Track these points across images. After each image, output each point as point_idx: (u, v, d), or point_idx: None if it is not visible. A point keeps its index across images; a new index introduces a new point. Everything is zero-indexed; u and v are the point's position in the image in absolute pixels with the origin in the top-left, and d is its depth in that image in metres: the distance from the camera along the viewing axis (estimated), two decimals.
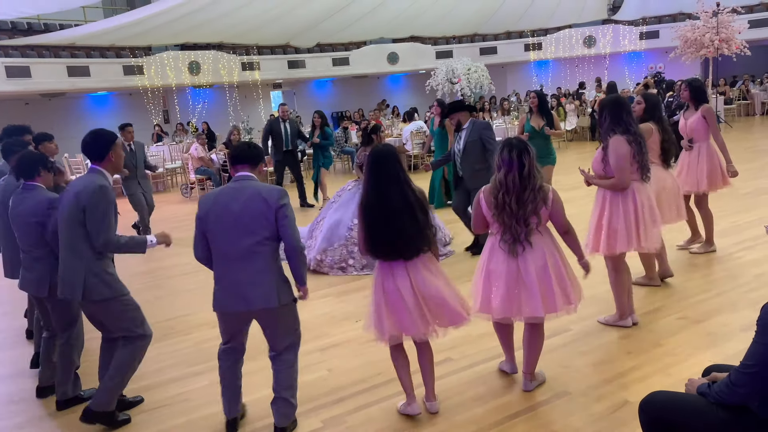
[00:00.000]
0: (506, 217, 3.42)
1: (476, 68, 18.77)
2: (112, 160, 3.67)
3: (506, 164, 3.41)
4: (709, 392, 2.37)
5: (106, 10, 22.15)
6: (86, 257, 3.50)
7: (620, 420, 3.32)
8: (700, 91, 5.84)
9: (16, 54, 17.36)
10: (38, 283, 3.96)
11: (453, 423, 3.45)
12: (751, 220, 6.89)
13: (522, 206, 3.39)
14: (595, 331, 4.48)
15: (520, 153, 3.40)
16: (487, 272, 3.56)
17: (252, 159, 3.37)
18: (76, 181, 3.74)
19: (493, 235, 3.60)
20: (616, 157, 4.20)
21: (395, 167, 3.34)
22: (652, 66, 19.94)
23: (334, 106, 25.27)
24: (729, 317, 4.52)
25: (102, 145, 3.64)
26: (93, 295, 3.53)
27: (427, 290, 3.33)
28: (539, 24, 23.92)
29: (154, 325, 5.41)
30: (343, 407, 3.71)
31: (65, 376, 4.01)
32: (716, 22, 16.35)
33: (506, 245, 3.47)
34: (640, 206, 4.29)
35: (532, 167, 3.41)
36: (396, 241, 3.28)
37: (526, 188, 3.39)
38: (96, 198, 3.46)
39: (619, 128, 4.20)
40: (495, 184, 3.48)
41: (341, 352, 4.42)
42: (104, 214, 3.47)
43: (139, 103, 19.95)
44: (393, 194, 3.28)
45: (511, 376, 3.92)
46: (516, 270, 3.45)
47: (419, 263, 3.35)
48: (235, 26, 19.67)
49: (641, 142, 4.26)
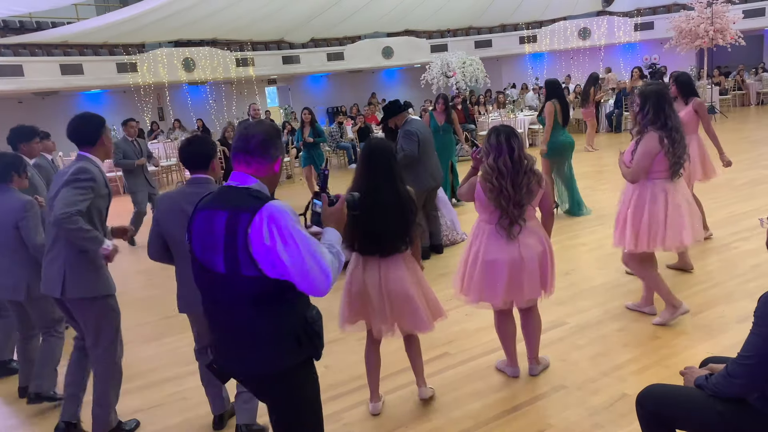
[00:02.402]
0: (503, 201, 3.44)
1: (471, 62, 18.70)
2: (104, 144, 3.43)
3: (495, 149, 3.44)
4: (707, 384, 2.35)
5: (98, 8, 22.00)
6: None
7: (618, 413, 3.31)
8: (687, 85, 5.90)
9: (8, 53, 17.26)
10: (14, 288, 3.90)
11: (450, 418, 3.45)
12: (746, 211, 6.89)
13: (518, 189, 3.42)
14: (592, 324, 4.47)
15: (508, 137, 3.44)
16: (490, 262, 3.53)
17: None
18: (61, 170, 3.55)
19: (483, 225, 3.60)
20: (642, 151, 4.14)
21: (389, 163, 3.33)
22: (647, 57, 19.94)
23: (329, 101, 25.21)
24: (725, 308, 4.51)
25: (94, 128, 3.40)
26: (74, 293, 3.34)
27: (394, 288, 3.32)
28: (534, 16, 23.85)
29: (151, 324, 5.39)
30: (340, 404, 3.70)
31: (44, 368, 3.98)
32: (711, 13, 16.33)
33: (503, 229, 3.49)
34: (672, 207, 4.15)
35: (521, 150, 3.46)
36: (378, 236, 3.28)
37: (519, 171, 3.42)
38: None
39: (658, 122, 4.10)
40: (486, 169, 3.49)
41: (338, 348, 4.40)
42: (83, 191, 3.24)
43: (133, 100, 19.87)
44: (384, 190, 3.27)
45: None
46: (519, 257, 3.48)
47: (393, 261, 3.34)
48: (229, 22, 19.56)
49: (677, 137, 4.12)
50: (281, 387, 2.19)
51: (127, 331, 5.19)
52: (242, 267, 2.04)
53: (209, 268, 2.14)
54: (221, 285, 2.12)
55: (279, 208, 2.04)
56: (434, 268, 6.14)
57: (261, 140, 2.18)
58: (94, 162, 3.40)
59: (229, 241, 2.05)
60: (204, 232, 2.15)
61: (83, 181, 3.26)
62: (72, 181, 3.25)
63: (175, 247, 3.18)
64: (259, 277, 2.04)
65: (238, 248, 2.03)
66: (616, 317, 4.55)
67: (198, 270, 2.22)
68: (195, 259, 2.21)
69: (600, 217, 7.41)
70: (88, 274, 3.37)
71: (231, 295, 2.11)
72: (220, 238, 2.07)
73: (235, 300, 2.11)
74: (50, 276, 3.39)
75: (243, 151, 2.18)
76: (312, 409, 2.29)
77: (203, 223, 2.16)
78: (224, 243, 2.06)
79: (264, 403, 2.35)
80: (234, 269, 2.06)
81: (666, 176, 4.20)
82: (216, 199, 2.18)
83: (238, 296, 2.10)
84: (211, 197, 2.22)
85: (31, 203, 3.92)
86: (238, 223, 2.03)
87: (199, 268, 2.21)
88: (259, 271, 2.03)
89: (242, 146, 2.18)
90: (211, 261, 2.12)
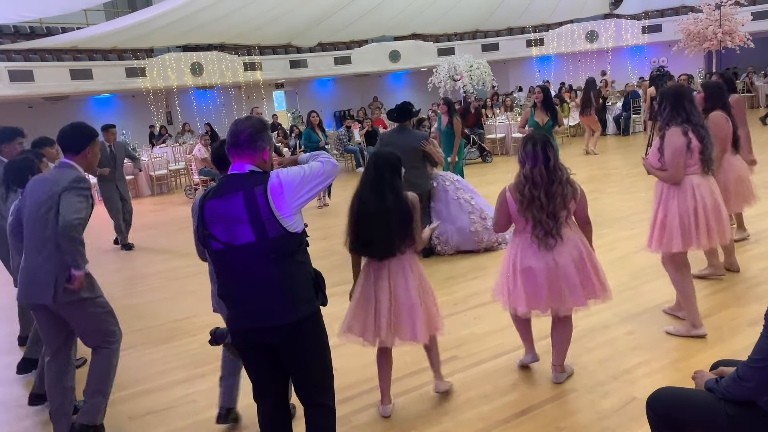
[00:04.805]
0: (536, 211, 3.40)
1: (478, 65, 18.73)
2: (87, 156, 3.46)
3: (531, 158, 3.41)
4: (717, 388, 2.35)
5: (107, 13, 22.19)
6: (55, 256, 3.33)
7: (628, 416, 3.30)
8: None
9: (18, 58, 17.42)
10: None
11: (459, 421, 3.45)
12: (757, 214, 6.84)
13: (552, 199, 3.38)
14: (601, 327, 4.46)
15: (544, 146, 3.40)
16: (525, 270, 3.51)
17: None
18: (44, 175, 3.55)
19: (519, 233, 3.59)
20: (671, 150, 4.01)
21: (388, 174, 3.34)
22: (655, 60, 19.89)
23: (336, 105, 25.27)
24: (736, 311, 4.49)
25: (82, 138, 3.44)
26: (64, 297, 3.34)
27: (400, 296, 3.35)
28: (541, 19, 23.84)
29: (160, 327, 5.41)
30: (349, 407, 3.70)
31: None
32: (719, 15, 16.28)
33: (537, 240, 3.45)
34: (700, 202, 4.03)
35: (557, 160, 3.43)
36: (379, 239, 3.31)
37: (554, 181, 3.39)
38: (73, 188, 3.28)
39: (679, 118, 4.00)
40: (520, 179, 3.46)
41: (347, 351, 4.39)
42: (79, 204, 3.27)
43: (142, 104, 20.00)
44: (380, 198, 3.30)
45: (518, 373, 3.90)
46: (554, 264, 3.45)
47: (400, 267, 3.37)
48: (237, 27, 19.67)
49: (703, 133, 4.01)
50: (309, 330, 2.57)
51: (137, 333, 5.26)
52: (268, 231, 2.43)
53: (237, 243, 2.45)
54: (251, 253, 2.45)
55: (277, 172, 2.51)
56: (441, 271, 6.14)
57: (248, 134, 2.52)
58: (78, 170, 3.42)
59: (253, 212, 2.42)
60: (224, 215, 2.46)
61: (84, 189, 3.33)
62: (74, 188, 3.29)
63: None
64: (283, 235, 2.44)
65: (263, 216, 2.42)
66: (626, 320, 4.54)
67: (220, 253, 2.50)
68: (217, 242, 2.48)
69: (609, 221, 7.39)
70: None
71: (261, 259, 2.45)
72: (243, 213, 2.43)
73: (265, 262, 2.46)
74: (39, 283, 3.35)
75: (234, 145, 2.54)
76: (329, 350, 2.71)
77: (220, 208, 2.47)
78: (249, 216, 2.42)
79: (291, 353, 2.59)
80: (262, 235, 2.43)
81: (696, 171, 4.05)
82: (225, 187, 2.51)
83: (267, 258, 2.45)
84: (218, 187, 2.54)
85: None
86: (257, 197, 2.42)
87: (222, 251, 2.49)
88: (284, 228, 2.43)
89: (233, 141, 2.54)
90: (238, 236, 2.44)
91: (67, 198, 3.27)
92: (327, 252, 6.90)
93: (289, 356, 2.60)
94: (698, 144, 3.99)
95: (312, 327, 2.59)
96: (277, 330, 2.52)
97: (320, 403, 2.71)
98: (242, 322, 2.58)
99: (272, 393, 2.74)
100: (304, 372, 2.64)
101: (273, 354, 2.61)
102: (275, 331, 2.52)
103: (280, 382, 2.74)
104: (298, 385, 2.69)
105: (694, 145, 3.99)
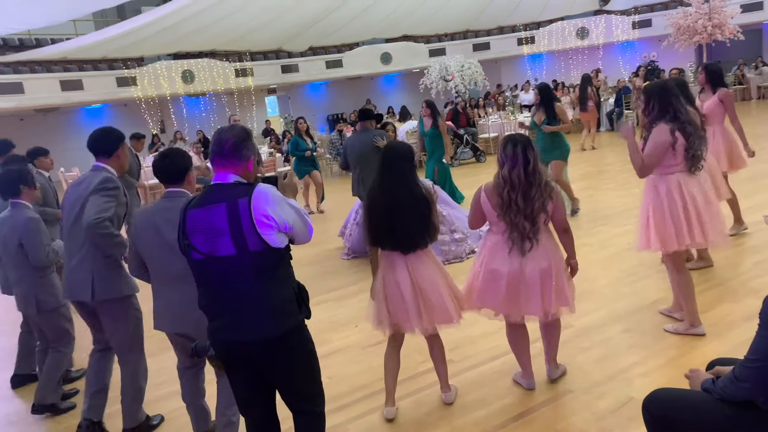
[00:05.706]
0: (513, 215, 3.35)
1: (470, 64, 18.72)
2: (120, 157, 3.58)
3: (510, 160, 3.35)
4: (714, 388, 2.32)
5: (97, 23, 22.13)
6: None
7: (625, 417, 3.28)
8: (717, 75, 5.86)
9: (8, 70, 17.36)
10: (25, 301, 4.01)
11: (455, 426, 3.41)
12: (749, 206, 6.82)
13: (529, 203, 3.33)
14: (596, 327, 4.43)
15: (524, 148, 3.34)
16: (490, 271, 3.50)
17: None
18: (78, 179, 3.65)
19: (494, 234, 3.55)
20: (653, 143, 3.97)
21: (406, 166, 3.40)
22: (646, 55, 19.91)
23: (329, 109, 25.26)
24: (731, 307, 4.47)
25: (112, 141, 3.55)
26: (103, 295, 3.47)
27: (425, 284, 3.38)
28: (531, 17, 23.87)
29: (150, 339, 5.34)
30: (345, 415, 3.66)
31: (49, 382, 4.08)
32: (708, 8, 16.31)
33: (512, 243, 3.41)
34: (690, 200, 3.98)
35: (536, 163, 3.37)
36: (396, 234, 3.34)
37: (532, 184, 3.33)
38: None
39: (667, 116, 3.96)
40: (498, 180, 3.41)
41: (341, 358, 4.38)
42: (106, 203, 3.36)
43: (134, 114, 19.94)
44: (400, 191, 3.34)
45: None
46: (519, 270, 3.41)
47: (418, 258, 3.40)
48: (227, 33, 19.65)
49: (691, 130, 3.95)
50: (291, 344, 2.52)
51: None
52: (249, 245, 2.37)
53: (218, 255, 2.40)
54: (231, 266, 2.40)
55: (265, 187, 2.45)
56: None
57: (233, 144, 2.49)
58: (111, 172, 3.53)
59: (235, 225, 2.36)
60: (205, 226, 2.41)
61: (111, 189, 3.43)
62: (101, 189, 3.40)
63: (151, 264, 3.16)
64: (265, 250, 2.39)
65: (244, 229, 2.36)
66: (621, 319, 4.51)
67: (201, 264, 2.45)
68: (197, 253, 2.43)
69: (603, 218, 7.37)
70: (114, 276, 3.50)
71: (241, 272, 2.41)
72: (225, 225, 2.38)
73: (246, 275, 2.41)
74: (78, 281, 3.48)
75: (219, 154, 2.50)
76: (316, 359, 2.67)
77: (202, 219, 2.42)
78: (230, 228, 2.37)
79: (275, 368, 2.55)
80: (243, 248, 2.37)
81: (681, 170, 4.01)
82: (208, 197, 2.46)
83: (248, 271, 2.40)
84: (201, 196, 2.49)
85: (35, 221, 3.94)
86: (239, 209, 2.36)
87: (203, 261, 2.44)
88: (265, 244, 2.38)
89: (218, 150, 2.50)
90: (218, 248, 2.39)
91: (93, 199, 3.37)
92: (320, 258, 6.85)
93: (271, 370, 2.55)
94: (684, 142, 3.94)
95: (295, 340, 2.54)
96: (259, 344, 2.47)
97: (308, 411, 2.68)
98: (224, 334, 2.52)
99: (259, 404, 2.68)
100: (290, 384, 2.61)
101: (256, 366, 2.56)
102: (256, 345, 2.48)
103: (267, 392, 2.69)
104: (285, 395, 2.65)
105: (680, 144, 3.94)
